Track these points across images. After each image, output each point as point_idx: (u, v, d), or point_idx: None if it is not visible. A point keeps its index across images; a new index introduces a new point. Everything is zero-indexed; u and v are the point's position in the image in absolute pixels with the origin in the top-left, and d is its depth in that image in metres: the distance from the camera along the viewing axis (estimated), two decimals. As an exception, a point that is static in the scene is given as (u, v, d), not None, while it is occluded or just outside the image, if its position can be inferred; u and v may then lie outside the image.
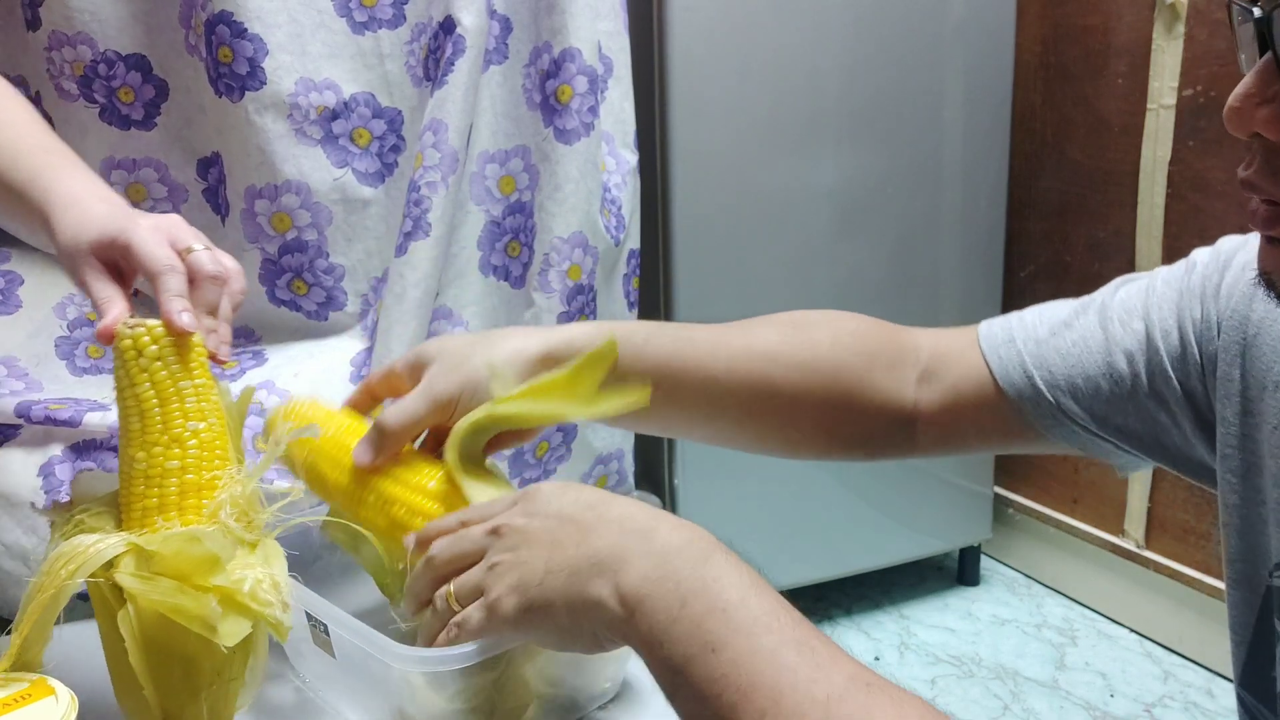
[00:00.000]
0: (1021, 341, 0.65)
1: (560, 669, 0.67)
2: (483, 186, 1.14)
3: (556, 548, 0.49)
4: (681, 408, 0.67)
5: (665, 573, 0.45)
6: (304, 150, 1.04)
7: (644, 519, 0.48)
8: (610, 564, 0.47)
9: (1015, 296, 2.14)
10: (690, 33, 1.62)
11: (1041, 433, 0.64)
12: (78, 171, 0.68)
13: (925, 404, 0.68)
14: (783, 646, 0.42)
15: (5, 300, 0.97)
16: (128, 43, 1.01)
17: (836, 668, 0.42)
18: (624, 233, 1.24)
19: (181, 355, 0.58)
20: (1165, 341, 0.59)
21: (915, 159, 1.85)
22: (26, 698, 0.53)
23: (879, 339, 0.69)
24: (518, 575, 0.50)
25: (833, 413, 0.68)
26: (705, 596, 0.44)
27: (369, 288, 1.11)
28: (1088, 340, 0.62)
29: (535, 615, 0.49)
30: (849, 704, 0.40)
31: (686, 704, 0.43)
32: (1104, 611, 2.05)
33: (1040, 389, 0.63)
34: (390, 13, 1.07)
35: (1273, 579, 0.54)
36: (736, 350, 0.66)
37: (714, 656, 0.42)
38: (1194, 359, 0.58)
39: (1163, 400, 0.60)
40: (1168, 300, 0.60)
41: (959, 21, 1.81)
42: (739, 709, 0.41)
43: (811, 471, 1.90)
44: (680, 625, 0.43)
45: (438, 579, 0.55)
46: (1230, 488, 0.56)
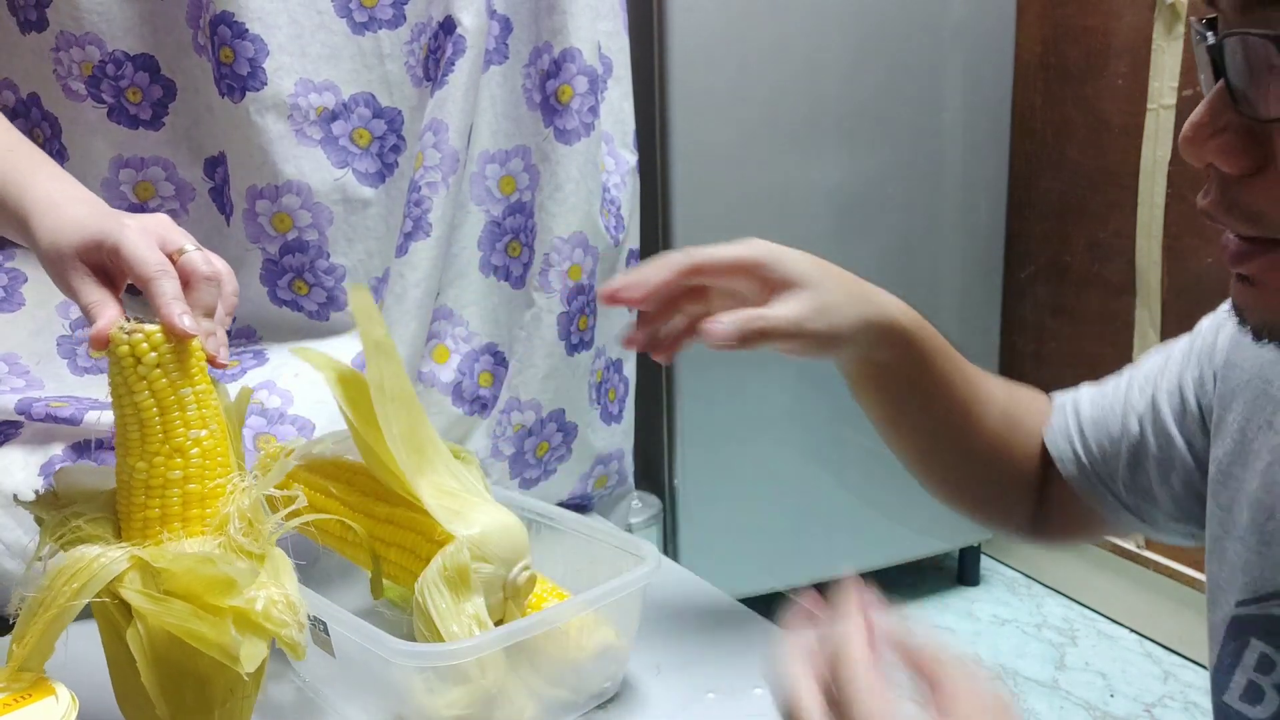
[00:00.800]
0: (1070, 412, 0.70)
1: (560, 669, 0.68)
2: (483, 186, 1.14)
3: None
4: (926, 418, 0.71)
5: None
6: (304, 151, 1.04)
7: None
8: None
9: (1015, 296, 2.14)
10: (690, 33, 1.62)
11: (1089, 503, 0.68)
12: (53, 173, 0.66)
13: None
14: None
15: (8, 298, 0.97)
16: (135, 43, 1.02)
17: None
18: (624, 233, 1.24)
19: (181, 361, 0.57)
20: (1169, 402, 0.63)
21: (915, 159, 1.85)
22: (26, 698, 0.53)
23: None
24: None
25: (1008, 473, 0.72)
26: None
27: (369, 288, 1.12)
28: (1113, 405, 0.67)
29: None
30: None
31: None
32: (1104, 611, 2.05)
33: (1078, 453, 0.68)
34: (390, 13, 1.07)
35: (1236, 609, 0.56)
36: (979, 390, 0.71)
37: None
38: (1194, 414, 0.62)
39: (1169, 460, 0.63)
40: (1175, 364, 0.64)
41: (959, 21, 1.81)
42: None
43: (812, 471, 1.90)
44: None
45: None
46: (1215, 519, 0.58)
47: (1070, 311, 2.07)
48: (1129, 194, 1.89)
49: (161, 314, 0.57)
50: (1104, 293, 1.99)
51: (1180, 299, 1.82)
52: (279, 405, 1.03)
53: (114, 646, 0.56)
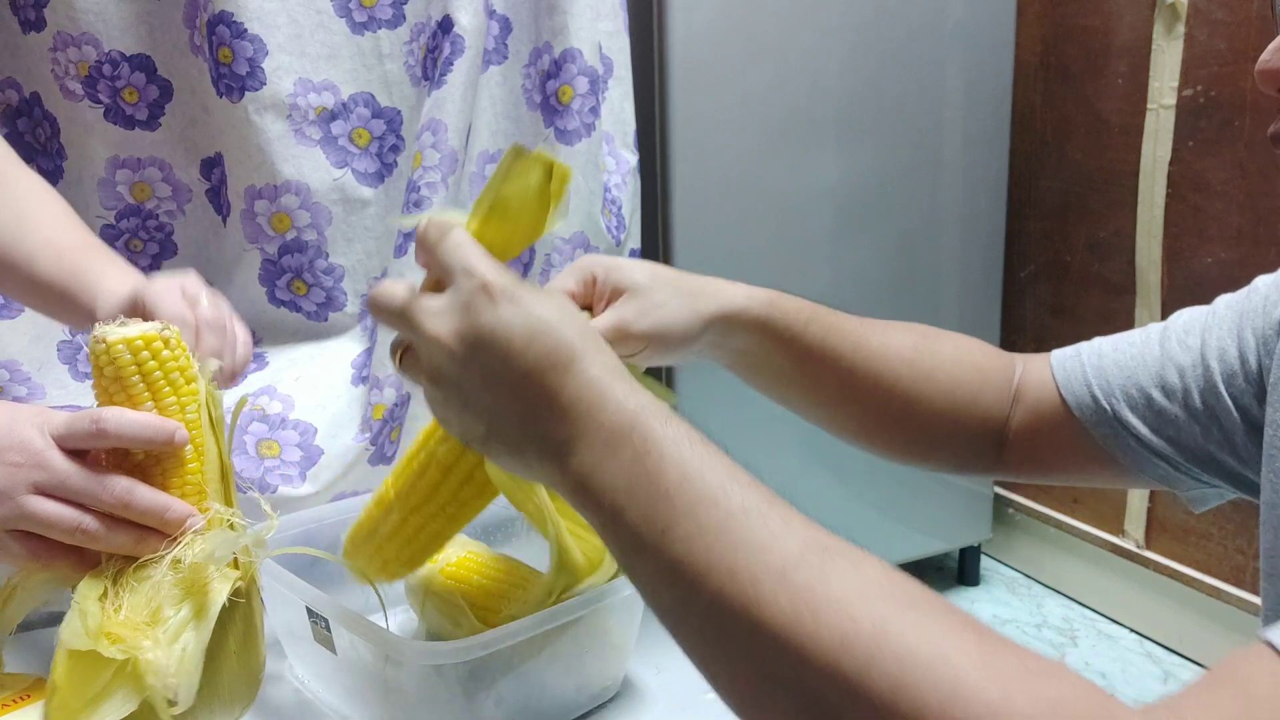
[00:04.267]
0: (1086, 356, 0.69)
1: (562, 666, 0.68)
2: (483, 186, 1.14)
3: (499, 416, 0.47)
4: (809, 393, 0.70)
5: (607, 462, 0.44)
6: (303, 150, 1.04)
7: (591, 396, 0.45)
8: (556, 450, 0.46)
9: (1015, 296, 2.14)
10: (690, 33, 1.62)
11: (1106, 450, 0.67)
12: (122, 268, 0.70)
13: (1013, 423, 0.72)
14: (730, 518, 0.41)
15: (8, 304, 0.97)
16: (132, 43, 1.02)
17: (790, 533, 0.42)
18: (624, 233, 1.24)
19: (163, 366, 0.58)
20: (1220, 360, 0.62)
21: (915, 159, 1.85)
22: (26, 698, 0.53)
23: (991, 359, 0.73)
24: (457, 424, 0.49)
25: (941, 422, 0.71)
26: (648, 480, 0.43)
27: (369, 288, 1.11)
28: (1144, 354, 0.66)
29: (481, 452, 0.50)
30: (805, 570, 0.39)
31: (643, 584, 0.44)
32: (1104, 611, 2.05)
33: (1098, 397, 0.66)
34: (390, 13, 1.07)
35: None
36: (874, 349, 0.69)
37: (664, 537, 0.42)
38: (1252, 374, 0.60)
39: (1214, 415, 0.62)
40: (1227, 321, 0.63)
41: (959, 21, 1.81)
42: (697, 587, 0.40)
43: (812, 471, 1.90)
44: (628, 512, 0.43)
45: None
46: (1272, 487, 0.57)
47: (1070, 311, 2.07)
48: (1129, 194, 1.89)
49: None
50: (1104, 293, 1.99)
51: (1180, 299, 1.82)
52: (280, 411, 1.02)
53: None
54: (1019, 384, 0.72)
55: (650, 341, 0.63)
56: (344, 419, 1.07)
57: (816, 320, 0.67)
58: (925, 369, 0.70)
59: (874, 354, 0.69)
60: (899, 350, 0.70)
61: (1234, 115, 1.70)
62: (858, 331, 0.69)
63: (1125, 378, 0.66)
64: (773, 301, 0.67)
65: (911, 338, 0.71)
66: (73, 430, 0.54)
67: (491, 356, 0.46)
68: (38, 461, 0.53)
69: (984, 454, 0.73)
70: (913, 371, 0.69)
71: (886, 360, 0.69)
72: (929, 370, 0.70)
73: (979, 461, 0.73)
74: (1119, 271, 1.95)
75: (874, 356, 0.69)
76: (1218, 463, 0.63)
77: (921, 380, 0.70)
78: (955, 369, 0.71)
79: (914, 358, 0.70)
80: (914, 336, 0.72)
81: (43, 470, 0.53)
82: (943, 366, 0.71)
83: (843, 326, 0.69)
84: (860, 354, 0.68)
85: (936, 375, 0.70)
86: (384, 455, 1.08)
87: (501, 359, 0.46)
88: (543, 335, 0.46)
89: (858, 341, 0.69)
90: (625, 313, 0.62)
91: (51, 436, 0.54)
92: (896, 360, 0.69)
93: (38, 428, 0.54)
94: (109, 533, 0.54)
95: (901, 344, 0.70)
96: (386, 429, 1.08)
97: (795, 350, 0.67)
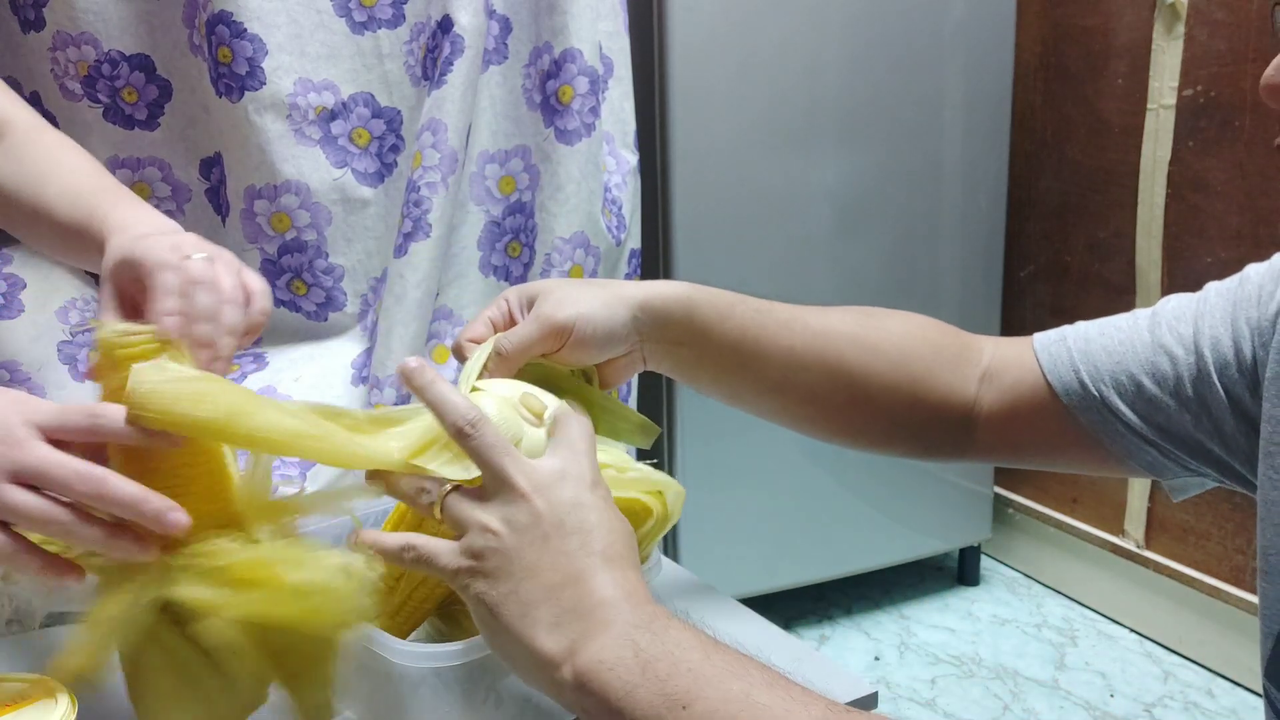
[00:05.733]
0: (1072, 340, 0.67)
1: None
2: (482, 186, 1.14)
3: (534, 576, 0.50)
4: (754, 378, 0.69)
5: (624, 645, 0.47)
6: (303, 150, 1.04)
7: (623, 592, 0.50)
8: (574, 627, 0.49)
9: (1015, 296, 2.14)
10: (690, 33, 1.62)
11: (1093, 435, 0.66)
12: (133, 203, 0.70)
13: (985, 404, 0.70)
14: (754, 690, 0.44)
15: (7, 304, 0.97)
16: (131, 43, 1.01)
17: (810, 702, 0.44)
18: (625, 233, 1.24)
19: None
20: (1213, 350, 0.61)
21: (915, 159, 1.85)
22: (26, 698, 0.53)
23: (946, 335, 0.72)
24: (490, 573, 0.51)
25: (896, 400, 0.69)
26: (668, 660, 0.46)
27: (368, 288, 1.11)
28: (1134, 340, 0.64)
29: (482, 615, 0.52)
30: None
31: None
32: (1104, 611, 2.05)
33: (1085, 383, 0.65)
34: (390, 12, 1.07)
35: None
36: (814, 327, 0.68)
37: (685, 712, 0.44)
38: (1246, 364, 0.59)
39: (1205, 404, 0.61)
40: (1219, 310, 0.62)
41: (959, 21, 1.81)
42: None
43: (811, 471, 1.90)
44: (642, 690, 0.45)
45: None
46: (1271, 484, 0.57)
47: (1070, 311, 2.07)
48: (1129, 194, 1.89)
49: (150, 306, 0.57)
50: (1104, 293, 1.99)
51: (1180, 299, 1.82)
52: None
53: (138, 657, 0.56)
54: (989, 365, 0.71)
55: (576, 329, 0.63)
56: (344, 419, 1.07)
57: (743, 301, 0.68)
58: (870, 343, 0.69)
59: (814, 331, 0.68)
60: (840, 327, 0.69)
61: (1234, 115, 1.70)
62: (793, 313, 0.69)
63: (1114, 364, 0.64)
64: (695, 287, 0.67)
65: (854, 315, 0.70)
66: (65, 422, 0.53)
67: (564, 525, 0.51)
68: (15, 448, 0.51)
69: (950, 436, 0.71)
70: (857, 347, 0.68)
71: (828, 337, 0.68)
72: (874, 343, 0.69)
73: (946, 444, 0.72)
74: (1119, 271, 1.95)
75: (814, 333, 0.68)
76: (1206, 451, 0.63)
77: (868, 354, 0.68)
78: (904, 341, 0.70)
79: (857, 333, 0.69)
80: (857, 314, 0.71)
81: (20, 454, 0.51)
82: (890, 339, 0.69)
83: (775, 309, 0.68)
84: (798, 332, 0.68)
85: (884, 347, 0.69)
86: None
87: (569, 532, 0.51)
88: (607, 532, 0.52)
89: (792, 322, 0.68)
90: (544, 308, 0.63)
91: (38, 426, 0.53)
92: (839, 337, 0.68)
93: (19, 415, 0.53)
94: (80, 525, 0.52)
95: (843, 320, 0.69)
96: (386, 429, 1.07)
97: (731, 332, 0.67)
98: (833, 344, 0.68)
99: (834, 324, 0.69)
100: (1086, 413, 0.65)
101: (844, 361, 0.68)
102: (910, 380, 0.69)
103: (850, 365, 0.68)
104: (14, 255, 0.99)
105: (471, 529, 0.52)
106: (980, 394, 0.70)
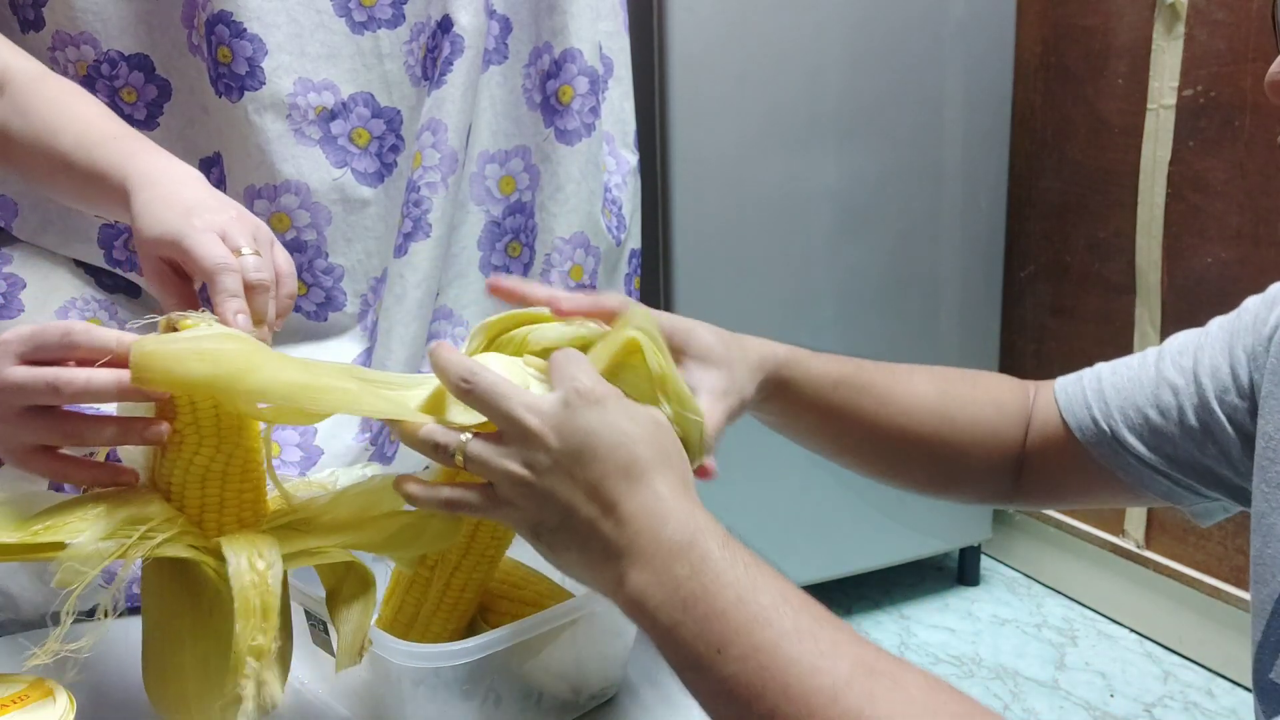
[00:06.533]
0: (1087, 381, 0.71)
1: (561, 667, 0.67)
2: (483, 187, 1.14)
3: (574, 514, 0.51)
4: (839, 442, 0.73)
5: (665, 579, 0.48)
6: (303, 150, 1.04)
7: (658, 509, 0.50)
8: (618, 557, 0.50)
9: (1015, 296, 2.14)
10: (690, 33, 1.62)
11: (1107, 469, 0.69)
12: (153, 151, 0.70)
13: (1027, 451, 0.74)
14: (783, 640, 0.44)
15: (7, 304, 0.96)
16: (130, 43, 1.01)
17: (840, 654, 0.44)
18: (625, 233, 1.24)
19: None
20: (1212, 378, 0.64)
21: (915, 159, 1.85)
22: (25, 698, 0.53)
23: (1011, 393, 0.75)
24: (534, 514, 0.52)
25: (963, 461, 0.73)
26: (705, 600, 0.46)
27: (368, 288, 1.11)
28: (1140, 377, 0.68)
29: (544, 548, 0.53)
30: (854, 691, 0.42)
31: (704, 698, 0.47)
32: (1104, 611, 2.05)
33: (1097, 419, 0.68)
34: (389, 12, 1.07)
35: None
36: (899, 402, 0.71)
37: (720, 657, 0.45)
38: (1244, 389, 0.62)
39: (1209, 431, 0.64)
40: (1219, 340, 0.65)
41: (959, 21, 1.81)
42: (754, 704, 0.44)
43: (812, 471, 1.90)
44: (684, 628, 0.46)
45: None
46: (1263, 495, 0.59)
47: (1070, 311, 2.07)
48: (1129, 194, 1.89)
49: (219, 309, 0.59)
50: (1104, 293, 1.99)
51: (1180, 299, 1.82)
52: (279, 408, 1.02)
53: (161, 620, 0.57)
54: (1031, 415, 0.74)
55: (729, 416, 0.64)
56: (344, 419, 1.07)
57: (844, 383, 0.70)
58: (949, 414, 0.72)
59: (899, 408, 0.71)
60: (923, 401, 0.72)
61: (1234, 115, 1.70)
62: (885, 388, 0.71)
63: (1123, 400, 0.68)
64: (801, 363, 0.68)
65: (936, 385, 0.73)
66: (40, 341, 0.55)
67: (580, 454, 0.50)
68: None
69: (1002, 483, 0.75)
70: (937, 419, 0.72)
71: (912, 412, 0.71)
72: (952, 414, 0.72)
73: (998, 491, 0.76)
74: (1119, 271, 1.95)
75: (899, 410, 0.71)
76: (1216, 476, 0.65)
77: (945, 425, 0.72)
78: (975, 408, 0.73)
79: (938, 406, 0.72)
80: (939, 383, 0.73)
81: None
82: (965, 409, 0.73)
83: (871, 387, 0.71)
84: (885, 409, 0.71)
85: (959, 418, 0.72)
86: (384, 455, 1.08)
87: (589, 458, 0.50)
88: (622, 446, 0.51)
89: (885, 398, 0.71)
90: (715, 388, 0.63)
91: (15, 354, 0.54)
92: (921, 410, 0.72)
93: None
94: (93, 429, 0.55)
95: (926, 394, 0.72)
96: (386, 429, 1.08)
97: (820, 410, 0.69)
98: (915, 418, 0.71)
99: (917, 396, 0.72)
100: (1099, 447, 0.69)
101: (922, 430, 0.71)
102: (975, 441, 0.73)
103: (928, 434, 0.72)
104: (14, 255, 0.99)
105: (497, 478, 0.52)
106: (1025, 441, 0.74)
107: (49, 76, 0.78)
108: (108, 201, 0.69)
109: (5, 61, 0.76)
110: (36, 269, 0.99)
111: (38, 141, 0.72)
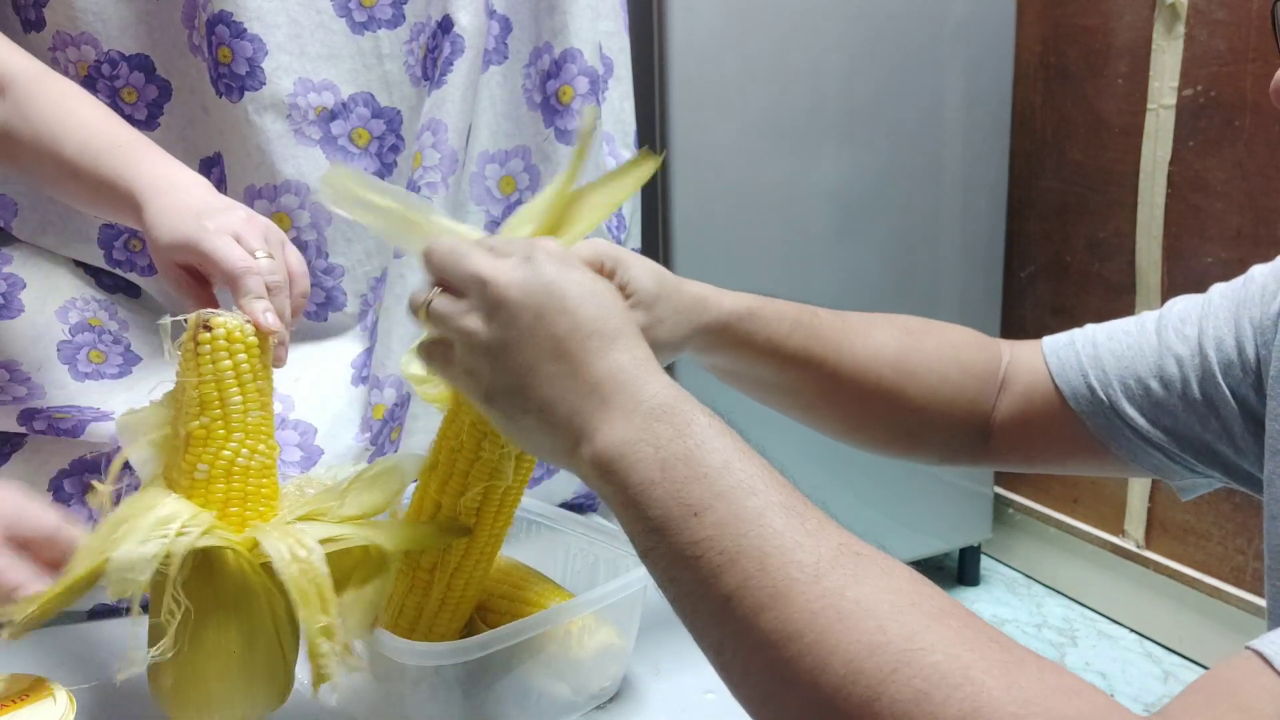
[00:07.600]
0: (1080, 345, 0.68)
1: (560, 668, 0.67)
2: (483, 187, 1.14)
3: (534, 374, 0.47)
4: (797, 396, 0.70)
5: (646, 436, 0.44)
6: (303, 150, 1.04)
7: (635, 371, 0.46)
8: (587, 415, 0.46)
9: (1015, 296, 2.14)
10: (690, 33, 1.62)
11: (1099, 440, 0.66)
12: (160, 158, 0.71)
13: (1000, 412, 0.71)
14: (768, 510, 0.41)
15: (7, 304, 0.97)
16: (131, 43, 1.01)
17: (825, 534, 0.42)
18: (625, 232, 1.24)
19: (262, 355, 0.61)
20: (1217, 350, 0.61)
21: (915, 159, 1.85)
22: (25, 698, 0.53)
23: (977, 350, 0.72)
24: (487, 376, 0.49)
25: (922, 418, 0.70)
26: (687, 462, 0.43)
27: (368, 288, 1.11)
28: (1141, 345, 0.65)
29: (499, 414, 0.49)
30: (838, 570, 0.39)
31: (663, 565, 0.42)
32: (1104, 611, 2.05)
33: (1094, 388, 0.65)
34: (390, 13, 1.07)
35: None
36: (858, 352, 0.68)
37: (695, 520, 0.41)
38: (1250, 364, 0.60)
39: (1212, 405, 0.61)
40: (1224, 310, 0.62)
41: (959, 21, 1.81)
42: (722, 572, 0.40)
43: (811, 471, 1.89)
44: (659, 488, 0.42)
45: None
46: (1276, 482, 0.57)
47: (1070, 311, 2.07)
48: (1129, 194, 1.89)
49: (246, 310, 0.60)
50: (1104, 293, 1.99)
51: (1180, 299, 1.82)
52: (280, 411, 1.02)
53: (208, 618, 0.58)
54: (1005, 373, 0.71)
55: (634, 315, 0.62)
56: (344, 419, 1.07)
57: (800, 327, 0.67)
58: (909, 367, 0.69)
59: (858, 357, 0.68)
60: (882, 351, 0.69)
61: (1234, 115, 1.70)
62: (841, 335, 0.68)
63: (1123, 368, 0.65)
64: (754, 312, 0.66)
65: (896, 337, 0.70)
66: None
67: (545, 308, 0.47)
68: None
69: (969, 443, 0.72)
70: (896, 372, 0.69)
71: (870, 363, 0.68)
72: (913, 368, 0.69)
73: (964, 451, 0.73)
74: (1119, 271, 1.95)
75: (858, 360, 0.68)
76: (1214, 452, 0.63)
77: (905, 378, 0.69)
78: (939, 364, 0.70)
79: (898, 358, 0.69)
80: (899, 335, 0.70)
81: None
82: (927, 363, 0.70)
83: (825, 333, 0.68)
84: (844, 359, 0.68)
85: (920, 372, 0.69)
86: (384, 455, 1.08)
87: (556, 311, 0.46)
88: (595, 301, 0.47)
89: (841, 346, 0.68)
90: (623, 275, 0.61)
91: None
92: (880, 363, 0.68)
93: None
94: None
95: (885, 344, 0.69)
96: (387, 429, 1.07)
97: (776, 360, 0.66)
98: (874, 369, 0.68)
99: (873, 346, 0.69)
100: (1094, 418, 0.66)
101: (882, 384, 0.68)
102: (939, 399, 0.70)
103: (888, 387, 0.68)
104: (14, 255, 0.99)
105: (458, 336, 0.49)
106: (997, 403, 0.71)
107: (51, 76, 0.78)
108: (116, 210, 0.70)
109: (7, 62, 0.77)
110: (36, 269, 0.99)
111: (42, 146, 0.72)
